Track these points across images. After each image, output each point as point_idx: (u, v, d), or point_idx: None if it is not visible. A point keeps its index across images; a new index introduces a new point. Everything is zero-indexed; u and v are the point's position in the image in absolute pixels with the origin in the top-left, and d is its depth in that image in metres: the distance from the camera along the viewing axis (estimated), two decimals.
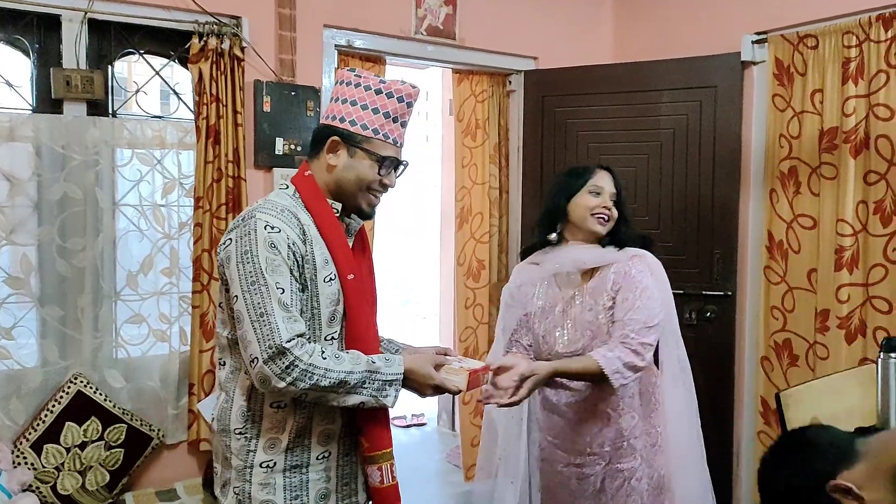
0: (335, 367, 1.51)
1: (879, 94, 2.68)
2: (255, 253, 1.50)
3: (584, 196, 2.08)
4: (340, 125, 1.63)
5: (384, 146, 1.64)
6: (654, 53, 3.44)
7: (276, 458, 1.58)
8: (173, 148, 2.83)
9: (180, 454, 2.83)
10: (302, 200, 1.63)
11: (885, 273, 2.68)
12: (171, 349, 2.83)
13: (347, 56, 3.16)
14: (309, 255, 1.56)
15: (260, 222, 1.52)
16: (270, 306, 1.47)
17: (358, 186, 1.64)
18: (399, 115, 1.66)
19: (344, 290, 1.61)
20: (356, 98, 1.64)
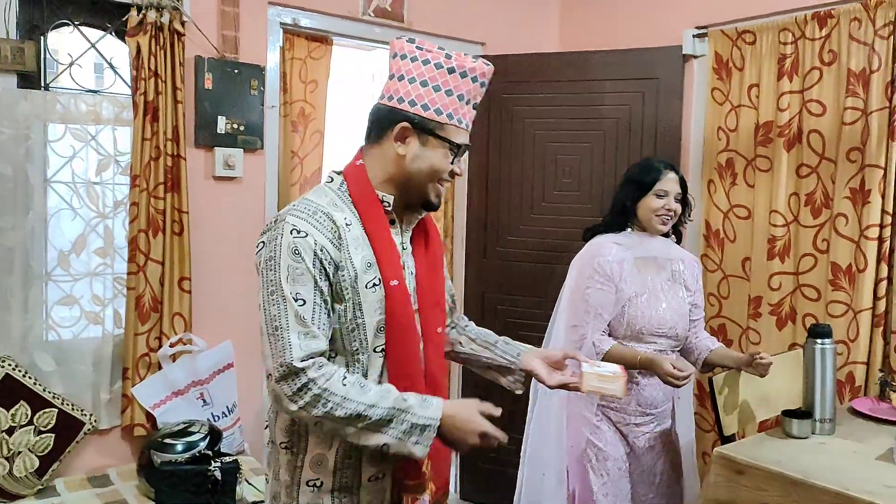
0: (356, 396, 1.35)
1: (813, 90, 2.77)
2: (277, 260, 1.38)
3: (651, 198, 2.33)
4: (411, 109, 1.45)
5: (458, 132, 1.48)
6: (598, 44, 3.49)
7: (322, 477, 1.46)
8: (109, 124, 2.74)
9: (114, 440, 2.76)
10: (350, 195, 1.49)
11: (814, 262, 2.79)
12: (105, 332, 2.75)
13: (293, 35, 3.10)
14: (345, 261, 1.42)
15: (287, 226, 1.40)
16: (286, 320, 1.36)
17: (430, 177, 1.48)
18: (472, 97, 1.50)
19: (387, 298, 1.45)
20: (426, 78, 1.45)
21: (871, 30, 2.60)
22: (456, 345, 1.78)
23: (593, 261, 2.35)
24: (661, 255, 2.37)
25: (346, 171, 1.53)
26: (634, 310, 2.29)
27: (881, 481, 1.80)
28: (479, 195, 3.61)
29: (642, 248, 2.34)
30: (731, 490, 1.99)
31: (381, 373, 1.47)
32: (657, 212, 2.31)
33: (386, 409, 1.36)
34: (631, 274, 2.32)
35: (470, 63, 1.48)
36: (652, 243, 2.36)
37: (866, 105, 2.62)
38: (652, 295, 2.32)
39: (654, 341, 2.31)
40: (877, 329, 2.59)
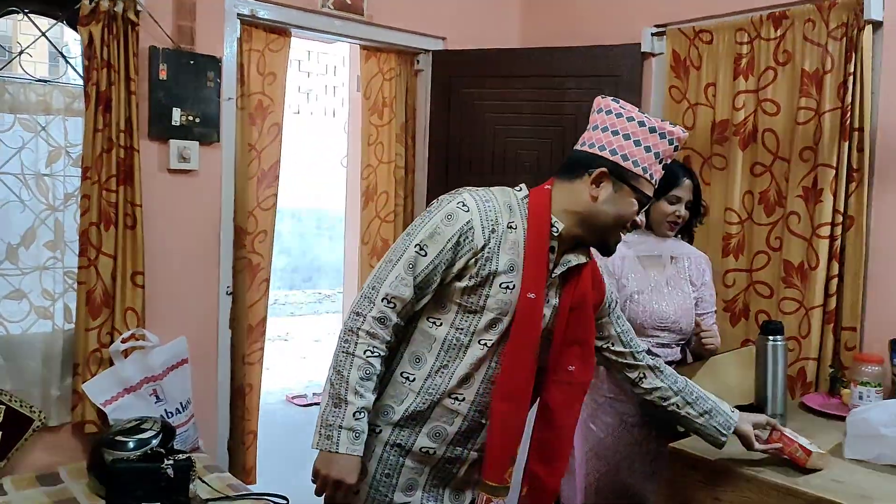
0: (357, 365, 1.50)
1: (767, 89, 2.82)
2: (432, 216, 1.55)
3: (663, 203, 2.31)
4: (611, 157, 1.56)
5: (648, 186, 1.59)
6: (559, 40, 3.50)
7: (383, 426, 1.59)
8: (60, 114, 2.67)
9: (64, 437, 2.70)
10: (528, 206, 1.61)
11: (767, 260, 2.84)
12: (55, 327, 2.69)
13: (251, 27, 3.06)
14: (489, 251, 1.53)
15: (460, 197, 1.57)
16: (399, 257, 1.53)
17: (615, 223, 1.59)
18: (666, 157, 1.60)
19: (517, 309, 1.55)
20: (629, 132, 1.56)
21: (825, 31, 2.65)
22: (667, 400, 1.84)
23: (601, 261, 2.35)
24: (665, 253, 2.39)
25: (533, 189, 1.65)
26: (636, 305, 2.30)
27: (829, 475, 1.84)
28: (438, 189, 3.56)
29: (646, 246, 2.36)
30: (685, 485, 2.02)
31: (474, 363, 1.57)
32: (668, 217, 2.32)
33: (345, 399, 1.48)
34: (633, 270, 2.34)
35: (669, 126, 1.59)
36: (657, 242, 2.37)
37: (819, 105, 2.67)
38: (655, 290, 2.33)
39: (657, 335, 2.32)
40: (828, 326, 2.65)
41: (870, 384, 2.29)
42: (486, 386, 1.59)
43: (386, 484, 1.60)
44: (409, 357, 1.60)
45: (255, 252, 3.14)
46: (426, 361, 1.58)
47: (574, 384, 1.68)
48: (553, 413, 1.66)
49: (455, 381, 1.58)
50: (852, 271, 2.60)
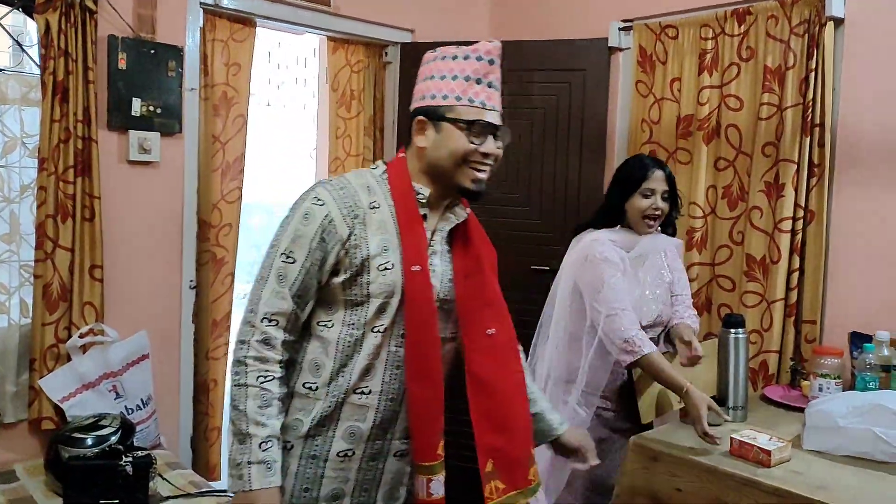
0: (253, 395, 1.44)
1: (731, 85, 2.84)
2: (290, 220, 1.50)
3: (637, 198, 2.28)
4: (422, 103, 1.53)
5: (470, 110, 1.49)
6: (528, 33, 3.49)
7: (294, 441, 1.52)
8: (15, 104, 2.61)
9: (20, 434, 2.64)
10: (388, 183, 1.56)
11: (729, 254, 2.86)
12: (11, 322, 2.63)
13: (214, 16, 3.00)
14: (356, 238, 1.48)
15: (314, 192, 1.51)
16: (269, 272, 1.48)
17: (453, 162, 1.51)
18: (482, 75, 1.51)
19: (405, 283, 1.49)
20: (434, 72, 1.53)
21: (788, 27, 2.67)
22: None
23: (598, 255, 2.26)
24: (650, 252, 2.34)
25: (389, 162, 1.61)
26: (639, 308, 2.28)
27: (789, 466, 1.86)
28: None
29: (635, 247, 2.30)
30: (647, 477, 2.03)
31: (371, 352, 1.51)
32: (644, 212, 2.26)
33: (247, 433, 1.43)
34: (627, 272, 2.29)
35: (474, 46, 1.53)
36: (641, 241, 2.31)
37: (781, 101, 2.69)
38: (643, 290, 2.31)
39: (647, 333, 2.26)
40: (789, 319, 2.68)
41: (829, 376, 2.31)
42: (391, 372, 1.53)
43: (307, 498, 1.52)
44: (308, 367, 1.53)
45: (219, 245, 3.09)
46: (325, 366, 1.51)
47: (498, 346, 1.62)
48: (485, 381, 1.59)
49: (356, 376, 1.51)
50: (812, 265, 2.64)
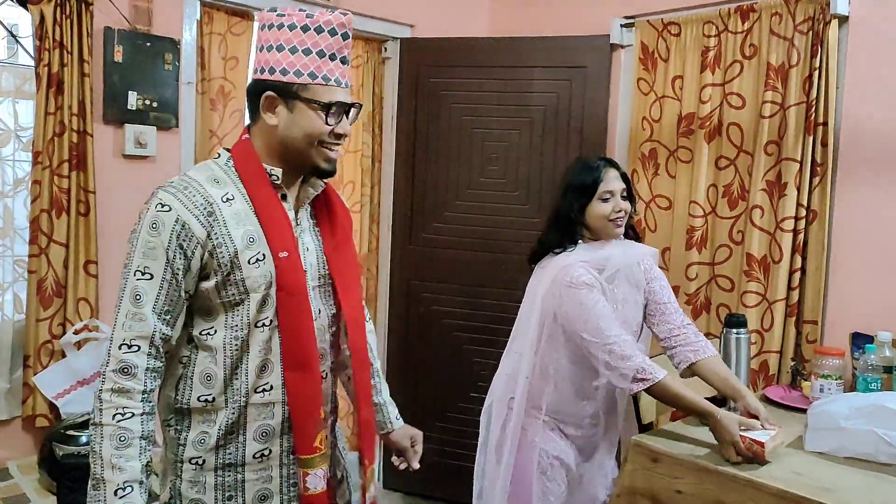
0: (108, 435, 1.33)
1: (734, 83, 2.82)
2: (137, 234, 1.39)
3: (597, 204, 2.11)
4: (271, 77, 1.42)
5: (327, 90, 1.43)
6: (528, 30, 3.47)
7: (204, 455, 1.45)
8: (9, 96, 2.58)
9: (13, 431, 2.61)
10: (235, 170, 1.46)
11: (729, 253, 2.84)
12: (4, 317, 2.59)
13: (211, 9, 2.97)
14: (221, 237, 1.39)
15: (155, 201, 1.40)
16: (124, 295, 1.37)
17: (308, 143, 1.44)
18: (336, 50, 1.44)
19: (277, 271, 1.43)
20: (282, 41, 1.42)
21: (791, 25, 2.65)
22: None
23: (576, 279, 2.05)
24: (622, 266, 2.14)
25: (233, 147, 1.52)
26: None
27: (791, 468, 1.84)
28: (405, 179, 3.56)
29: (607, 265, 2.13)
30: (647, 478, 2.00)
31: (262, 348, 1.46)
32: (608, 217, 2.11)
33: (101, 478, 1.33)
34: (606, 293, 2.14)
35: (325, 17, 1.44)
36: (613, 254, 2.13)
37: (784, 99, 2.67)
38: (618, 307, 2.15)
39: None
40: (790, 319, 2.66)
41: (830, 377, 2.30)
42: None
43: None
44: (199, 379, 1.44)
45: None
46: (217, 375, 1.44)
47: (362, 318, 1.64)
48: (362, 355, 1.62)
49: (253, 376, 1.45)
50: (814, 265, 2.62)
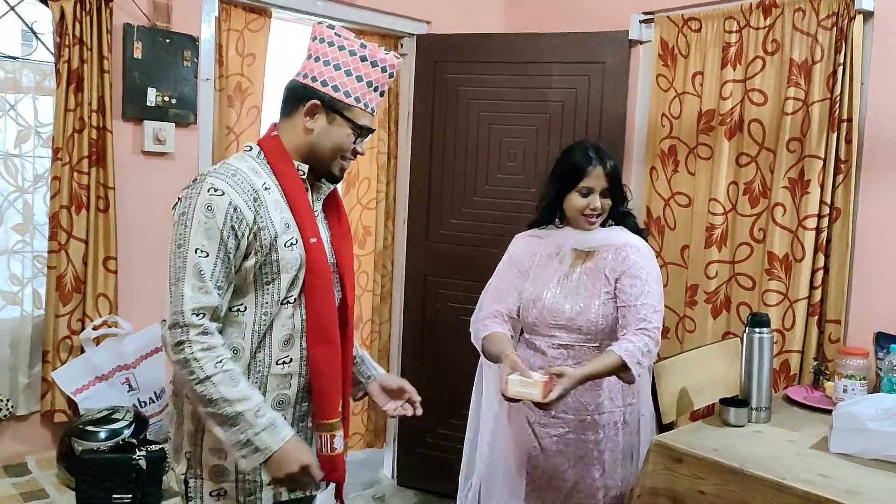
0: (219, 383, 1.45)
1: (755, 79, 2.79)
2: (190, 215, 1.49)
3: (575, 196, 2.14)
4: (322, 88, 1.59)
5: (363, 115, 1.63)
6: (545, 26, 3.44)
7: None
8: (30, 93, 2.58)
9: (32, 426, 2.62)
10: (267, 162, 1.60)
11: (750, 251, 2.81)
12: (24, 313, 2.60)
13: (229, 5, 2.96)
14: (265, 221, 1.53)
15: (206, 184, 1.51)
16: (185, 272, 1.47)
17: (333, 154, 1.62)
18: (380, 84, 1.64)
19: (307, 255, 1.58)
20: (340, 62, 1.60)
21: (815, 20, 2.62)
22: None
23: (508, 251, 2.31)
24: (582, 246, 2.17)
25: (261, 142, 1.65)
26: (528, 301, 2.19)
27: (816, 470, 1.82)
28: (421, 176, 3.54)
29: (561, 240, 2.19)
30: (669, 478, 1.99)
31: (286, 324, 1.58)
32: (582, 211, 2.13)
33: (236, 413, 1.45)
34: (540, 265, 2.20)
35: (381, 54, 1.63)
36: (575, 235, 2.17)
37: (807, 96, 2.64)
38: (558, 286, 2.16)
39: (553, 334, 2.15)
40: (812, 318, 2.63)
41: (854, 377, 2.27)
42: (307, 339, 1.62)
43: (252, 471, 1.57)
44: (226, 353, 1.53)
45: None
46: (243, 349, 1.55)
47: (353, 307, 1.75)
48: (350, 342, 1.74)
49: (277, 350, 1.58)
50: (838, 264, 2.58)
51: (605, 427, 2.16)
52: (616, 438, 2.17)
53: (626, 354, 1.94)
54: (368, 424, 3.71)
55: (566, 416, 2.15)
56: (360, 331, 3.60)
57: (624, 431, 2.18)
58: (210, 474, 1.58)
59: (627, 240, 2.15)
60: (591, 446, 2.16)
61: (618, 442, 2.17)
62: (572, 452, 2.16)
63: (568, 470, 2.17)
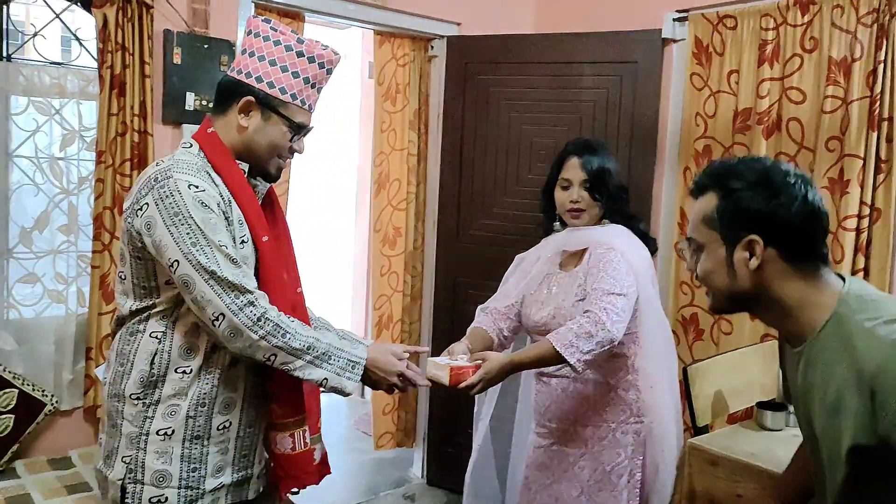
0: (302, 330, 1.49)
1: (793, 77, 2.75)
2: (186, 214, 1.42)
3: (558, 191, 2.10)
4: (257, 85, 1.53)
5: (300, 112, 1.58)
6: (575, 25, 3.43)
7: (174, 425, 1.50)
8: (74, 97, 2.66)
9: (76, 421, 2.70)
10: (207, 160, 1.53)
11: None
12: (68, 311, 2.68)
13: (264, 10, 3.01)
14: (230, 215, 1.50)
15: (181, 182, 1.44)
16: (219, 265, 1.42)
17: (269, 152, 1.57)
18: (318, 81, 1.59)
19: (259, 253, 1.54)
20: (275, 57, 1.54)
21: (854, 17, 2.58)
22: None
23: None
24: (569, 247, 2.11)
25: (198, 137, 1.57)
26: (526, 308, 2.14)
27: None
28: (451, 177, 3.56)
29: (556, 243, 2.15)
30: (706, 481, 1.99)
31: None
32: (564, 206, 2.07)
33: (326, 345, 1.50)
34: (538, 269, 2.16)
35: (319, 49, 1.57)
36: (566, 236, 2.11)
37: (847, 94, 2.60)
38: (541, 290, 2.12)
39: (537, 338, 2.07)
40: None
41: None
42: None
43: (195, 478, 1.52)
44: (179, 353, 1.50)
45: None
46: (197, 349, 1.51)
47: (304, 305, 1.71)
48: None
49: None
50: (878, 265, 2.54)
51: (589, 441, 2.02)
52: (598, 457, 2.01)
53: (555, 337, 1.80)
54: (399, 424, 3.73)
55: (550, 425, 2.08)
56: (391, 331, 3.63)
57: (609, 451, 2.00)
58: (152, 479, 1.49)
59: (607, 239, 2.03)
60: (571, 460, 2.04)
61: (600, 461, 2.00)
62: (556, 466, 2.07)
63: (552, 485, 2.07)
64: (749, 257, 1.19)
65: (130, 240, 1.49)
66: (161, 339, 1.50)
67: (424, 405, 3.68)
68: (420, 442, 3.75)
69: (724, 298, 1.26)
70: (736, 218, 1.20)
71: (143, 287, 1.50)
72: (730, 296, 1.24)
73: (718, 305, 1.29)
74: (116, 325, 1.58)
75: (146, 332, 1.50)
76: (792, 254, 1.19)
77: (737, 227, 1.20)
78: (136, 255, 1.49)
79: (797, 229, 1.18)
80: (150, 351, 1.49)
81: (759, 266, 1.19)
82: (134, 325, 1.52)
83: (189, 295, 1.44)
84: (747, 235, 1.18)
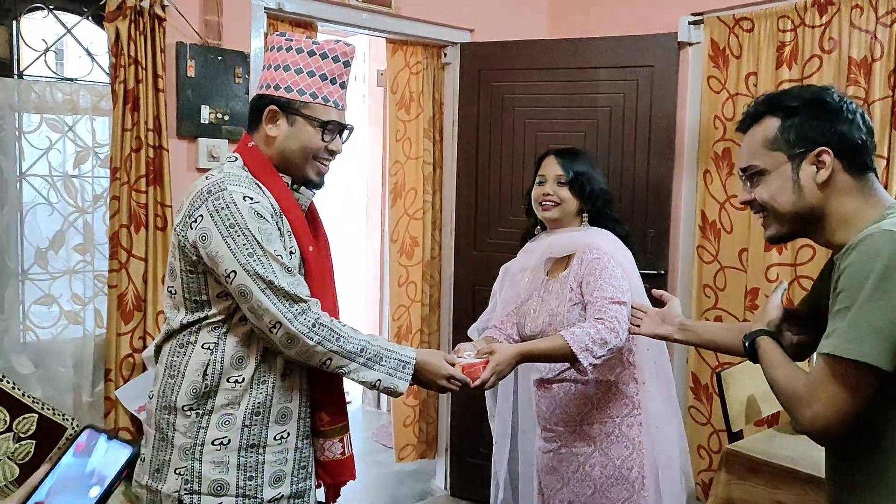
0: (354, 333, 1.53)
1: (812, 78, 2.73)
2: (243, 225, 1.45)
3: (535, 187, 2.16)
4: (276, 93, 1.57)
5: (325, 110, 1.58)
6: (589, 30, 3.42)
7: (230, 434, 1.51)
8: (87, 113, 2.61)
9: None
10: (251, 173, 1.56)
11: (812, 254, 2.75)
12: (86, 332, 2.63)
13: (277, 20, 2.98)
14: (281, 226, 1.53)
15: (236, 194, 1.47)
16: (275, 274, 1.45)
17: (303, 156, 1.58)
18: (337, 75, 1.60)
19: (305, 264, 1.57)
20: (289, 63, 1.57)
21: (874, 17, 2.56)
22: None
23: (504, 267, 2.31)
24: (554, 253, 2.12)
25: (240, 151, 1.61)
26: (520, 319, 2.15)
27: None
28: (468, 185, 3.53)
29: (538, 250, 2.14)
30: (744, 488, 1.96)
31: None
32: (538, 199, 2.12)
33: (378, 347, 1.54)
34: (526, 279, 2.18)
35: (330, 45, 1.59)
36: (547, 242, 2.12)
37: (868, 94, 2.58)
38: (536, 300, 2.12)
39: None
40: None
41: None
42: None
43: (252, 487, 1.53)
44: (231, 362, 1.52)
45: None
46: (248, 358, 1.53)
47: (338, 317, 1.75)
48: None
49: (281, 359, 1.55)
50: None
51: (597, 438, 2.03)
52: (608, 452, 2.01)
53: (572, 337, 1.82)
54: (420, 436, 3.69)
55: (557, 429, 2.08)
56: (410, 341, 3.60)
57: (618, 445, 2.02)
58: (210, 489, 1.50)
59: (590, 241, 2.05)
60: (581, 460, 2.04)
61: (610, 456, 2.01)
62: (565, 469, 2.07)
63: (562, 489, 2.07)
64: (817, 171, 1.24)
65: (183, 253, 1.50)
66: (213, 350, 1.52)
67: (446, 416, 3.65)
68: (442, 453, 3.71)
69: (788, 220, 1.29)
70: (802, 134, 1.25)
71: (195, 301, 1.53)
72: (794, 216, 1.28)
73: (778, 232, 1.33)
74: (164, 338, 1.59)
75: (198, 344, 1.52)
76: (853, 165, 1.24)
77: (805, 141, 1.25)
78: (188, 268, 1.50)
79: (859, 140, 1.24)
80: (203, 362, 1.51)
81: (826, 180, 1.23)
82: (185, 336, 1.53)
83: (246, 304, 1.46)
84: (815, 148, 1.23)
